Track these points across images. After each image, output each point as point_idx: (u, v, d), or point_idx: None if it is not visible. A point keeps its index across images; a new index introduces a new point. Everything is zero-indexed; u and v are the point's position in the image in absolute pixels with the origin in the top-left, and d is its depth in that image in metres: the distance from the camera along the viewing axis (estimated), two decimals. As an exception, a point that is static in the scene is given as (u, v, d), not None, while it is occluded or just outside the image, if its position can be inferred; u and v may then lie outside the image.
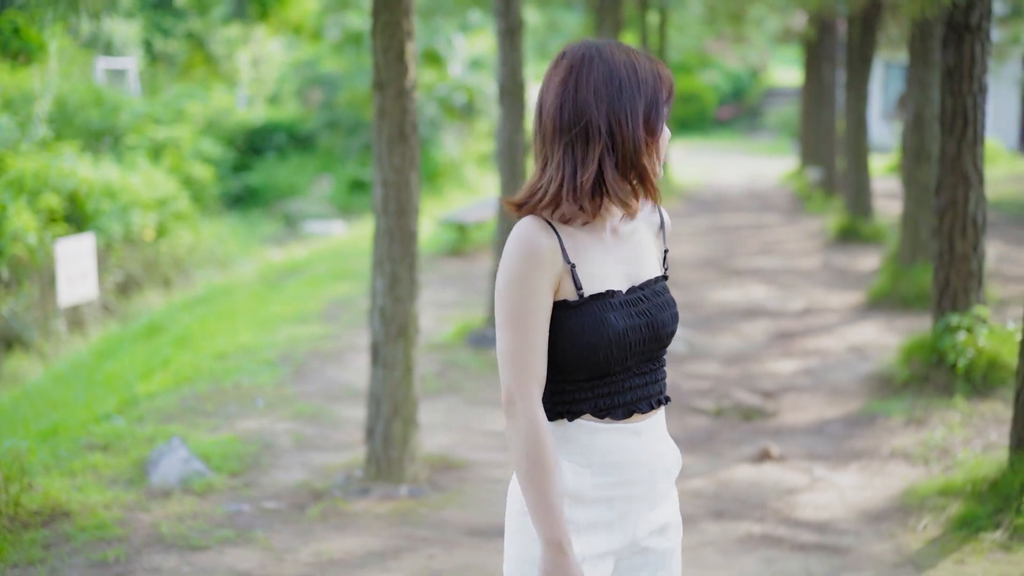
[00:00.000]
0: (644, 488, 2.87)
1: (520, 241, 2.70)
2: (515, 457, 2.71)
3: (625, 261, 2.84)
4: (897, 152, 26.35)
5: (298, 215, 23.10)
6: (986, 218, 8.90)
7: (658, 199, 2.85)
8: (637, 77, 2.74)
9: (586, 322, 2.74)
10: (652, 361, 2.87)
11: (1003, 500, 6.17)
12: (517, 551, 2.81)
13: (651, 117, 2.75)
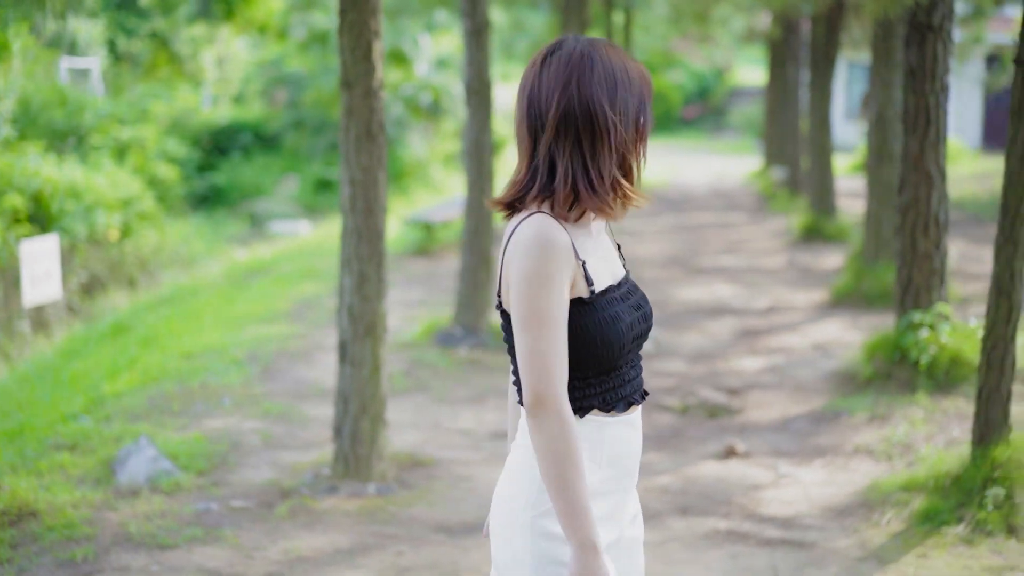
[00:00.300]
0: (633, 479, 2.93)
1: (540, 237, 2.68)
2: (546, 459, 2.65)
3: (604, 258, 2.87)
4: (861, 151, 26.54)
5: (263, 215, 23.05)
6: (948, 216, 9.00)
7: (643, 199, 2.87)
8: (628, 77, 2.77)
9: (601, 318, 2.75)
10: (639, 352, 2.93)
11: (965, 495, 6.26)
12: (537, 554, 2.76)
13: (640, 118, 2.79)
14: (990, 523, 6.02)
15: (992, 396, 6.44)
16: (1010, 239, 6.38)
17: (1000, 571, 5.61)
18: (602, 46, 2.78)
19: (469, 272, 10.16)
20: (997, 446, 6.36)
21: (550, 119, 2.73)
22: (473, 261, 10.14)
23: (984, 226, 17.07)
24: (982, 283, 12.38)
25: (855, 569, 5.74)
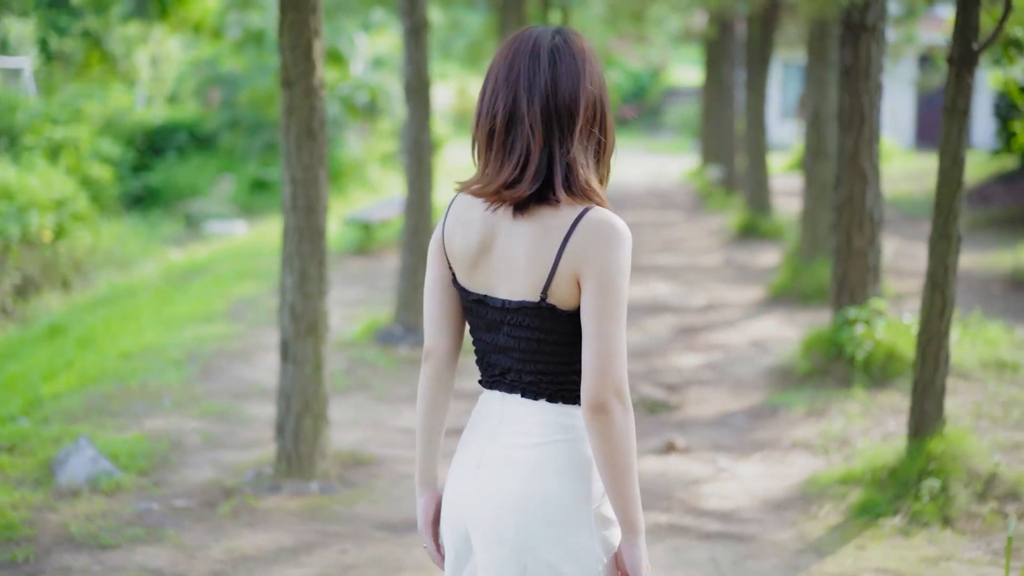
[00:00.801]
0: None
1: (625, 230, 2.69)
2: (623, 450, 2.66)
3: None
4: (796, 150, 26.79)
5: (199, 215, 22.87)
6: (883, 214, 9.14)
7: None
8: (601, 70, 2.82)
9: None
10: None
11: (901, 487, 6.36)
12: (604, 543, 2.75)
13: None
14: (926, 514, 6.12)
15: (927, 390, 6.55)
16: (944, 235, 6.49)
17: (936, 561, 5.71)
18: (577, 35, 2.80)
19: (409, 271, 10.17)
20: (932, 439, 6.47)
21: (581, 112, 2.72)
22: (413, 260, 10.15)
23: (917, 224, 17.30)
24: (916, 280, 12.56)
25: (794, 561, 5.82)
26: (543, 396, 2.79)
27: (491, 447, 2.83)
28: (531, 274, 2.72)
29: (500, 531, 2.76)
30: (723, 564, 5.78)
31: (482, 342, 2.87)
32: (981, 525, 6.07)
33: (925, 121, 32.03)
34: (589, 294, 2.66)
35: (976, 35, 6.38)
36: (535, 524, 2.74)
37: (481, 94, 2.80)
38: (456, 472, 2.89)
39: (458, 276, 2.85)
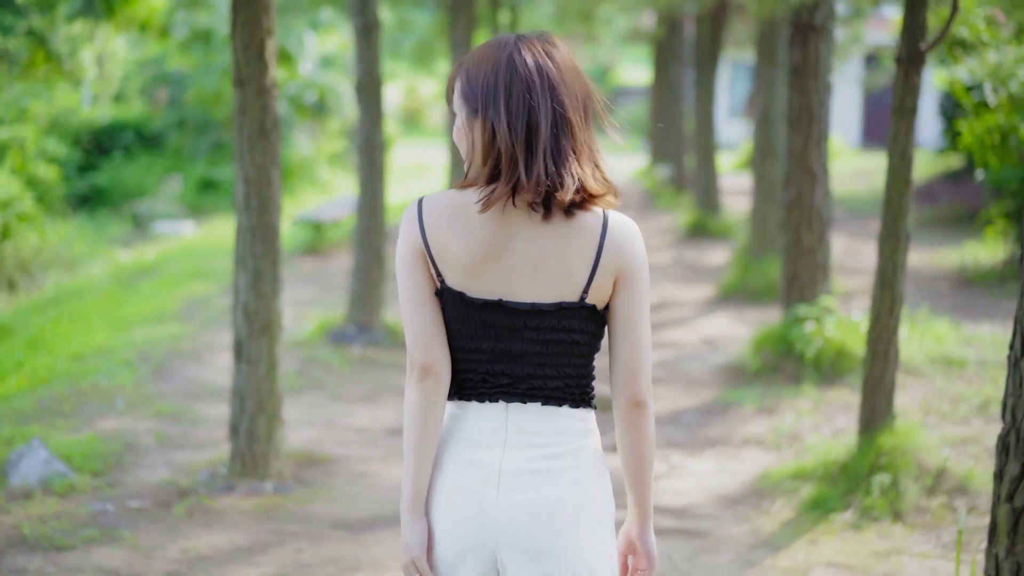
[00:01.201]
0: None
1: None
2: (652, 442, 2.86)
3: None
4: (744, 149, 26.97)
5: (147, 215, 22.73)
6: (831, 212, 9.24)
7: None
8: None
9: None
10: None
11: (852, 482, 6.44)
12: (615, 541, 2.86)
13: None
14: (876, 509, 6.20)
15: (877, 386, 6.63)
16: (892, 233, 6.57)
17: (887, 555, 5.79)
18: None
19: (362, 270, 10.17)
20: (882, 434, 6.55)
21: (591, 111, 2.78)
22: (366, 259, 10.15)
23: (865, 222, 17.46)
24: (864, 277, 12.68)
25: (747, 556, 5.88)
26: (567, 402, 2.79)
27: (507, 462, 2.76)
28: (567, 274, 2.73)
29: (547, 545, 2.73)
30: (678, 559, 5.83)
31: (481, 352, 2.77)
32: (931, 519, 6.15)
33: (871, 120, 32.33)
34: (627, 292, 2.76)
35: (923, 35, 6.48)
36: (585, 531, 2.75)
37: (494, 99, 2.72)
38: (463, 494, 2.77)
39: (453, 282, 2.75)
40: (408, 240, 2.77)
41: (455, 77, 2.81)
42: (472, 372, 2.79)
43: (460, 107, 2.78)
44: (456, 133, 2.80)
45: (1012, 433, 4.06)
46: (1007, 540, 4.07)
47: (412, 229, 2.76)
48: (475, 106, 2.73)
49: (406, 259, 2.77)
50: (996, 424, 7.53)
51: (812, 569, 5.66)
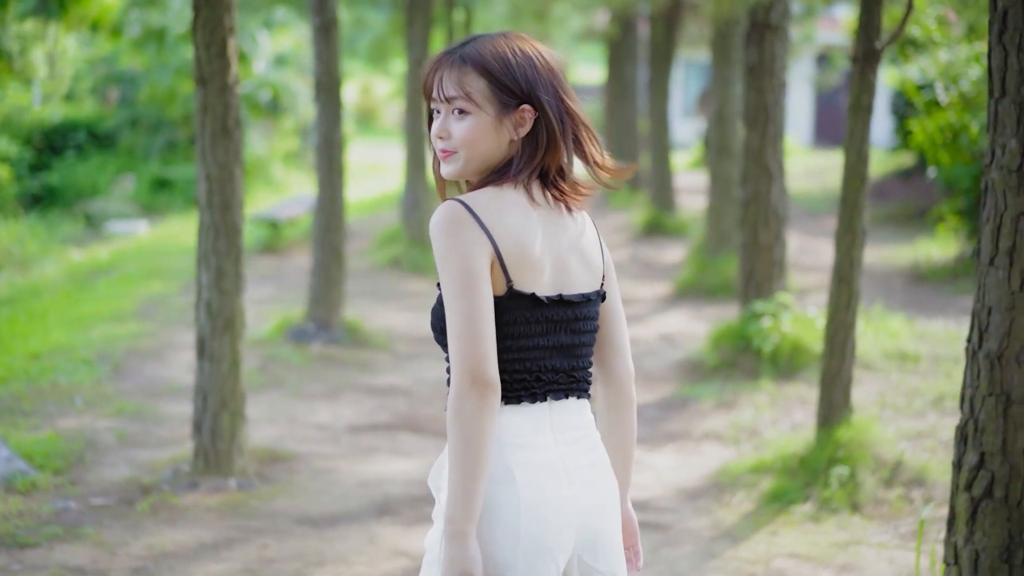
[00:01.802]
0: None
1: None
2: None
3: None
4: (698, 148, 27.12)
5: (100, 215, 22.59)
6: (787, 210, 9.35)
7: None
8: None
9: None
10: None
11: (811, 475, 6.53)
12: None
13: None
14: (835, 501, 6.30)
15: (834, 380, 6.73)
16: (849, 229, 6.67)
17: (846, 545, 5.88)
18: None
19: (321, 268, 10.18)
20: (840, 427, 6.65)
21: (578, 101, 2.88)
22: (325, 257, 10.17)
23: (818, 220, 17.63)
24: (818, 275, 12.82)
25: (709, 548, 5.96)
26: (588, 393, 2.87)
27: (565, 459, 2.77)
28: (594, 263, 2.85)
29: (611, 538, 2.83)
30: (641, 552, 5.88)
31: (538, 349, 2.75)
32: (888, 510, 6.25)
33: (823, 119, 32.61)
34: (611, 277, 2.92)
35: (878, 34, 6.57)
36: (617, 520, 2.90)
37: (543, 87, 2.79)
38: (541, 498, 2.71)
39: (523, 283, 2.71)
40: (474, 246, 2.65)
41: (465, 75, 2.76)
42: (527, 372, 2.75)
43: (487, 102, 2.75)
44: (474, 131, 2.75)
45: (970, 423, 4.14)
46: (965, 529, 4.16)
47: (475, 235, 2.66)
48: (515, 98, 2.77)
49: (475, 268, 2.64)
50: (951, 418, 7.66)
51: (773, 560, 5.75)
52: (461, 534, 2.60)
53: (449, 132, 2.77)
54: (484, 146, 2.76)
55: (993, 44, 4.02)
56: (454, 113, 2.77)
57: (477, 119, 2.75)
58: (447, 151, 2.78)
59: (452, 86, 2.76)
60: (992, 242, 4.06)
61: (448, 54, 2.80)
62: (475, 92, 2.75)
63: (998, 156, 4.02)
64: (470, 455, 2.60)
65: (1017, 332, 4.01)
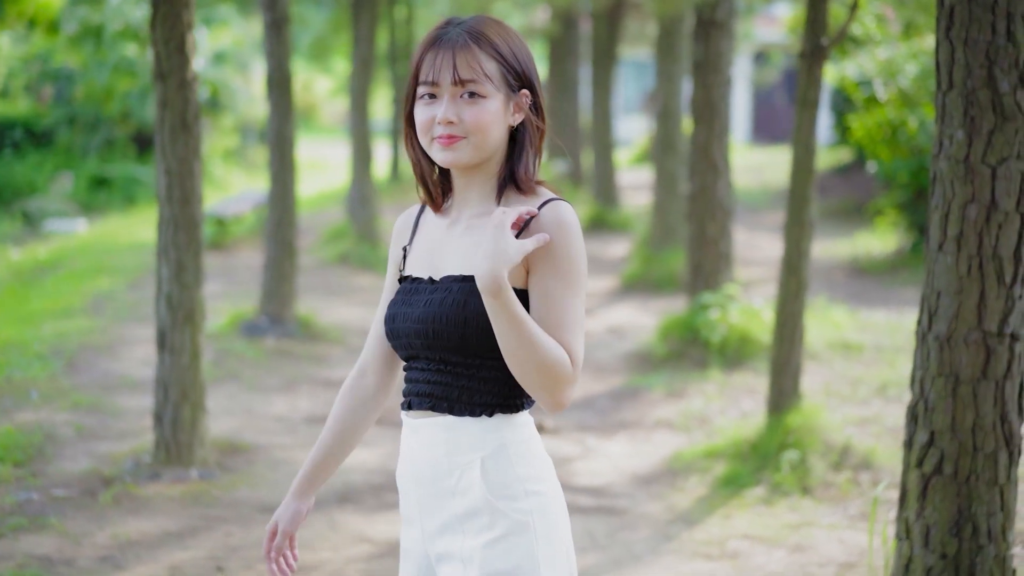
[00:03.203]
0: (420, 495, 2.75)
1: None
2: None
3: (445, 253, 2.75)
4: (638, 145, 27.34)
5: (38, 213, 22.44)
6: (733, 203, 9.54)
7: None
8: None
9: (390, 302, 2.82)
10: (440, 361, 2.69)
11: (762, 459, 6.71)
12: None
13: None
14: (786, 484, 6.48)
15: (784, 367, 6.92)
16: (797, 221, 6.85)
17: (797, 527, 6.06)
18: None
19: (274, 263, 10.25)
20: (790, 414, 6.84)
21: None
22: (278, 252, 10.23)
23: (758, 215, 17.90)
24: (761, 268, 13.05)
25: (665, 531, 6.12)
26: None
27: None
28: None
29: None
30: (599, 536, 6.04)
31: None
32: (837, 493, 6.44)
33: (760, 116, 32.97)
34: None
35: (825, 31, 6.76)
36: None
37: (537, 75, 2.74)
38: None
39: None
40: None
41: (479, 56, 2.63)
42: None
43: (501, 85, 2.66)
44: (489, 116, 2.64)
45: (921, 403, 4.32)
46: (917, 504, 4.34)
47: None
48: (518, 82, 2.69)
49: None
50: (894, 404, 7.87)
51: (728, 541, 5.91)
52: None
53: (460, 116, 2.62)
54: (496, 132, 2.66)
55: (940, 39, 4.19)
56: (463, 97, 2.62)
57: (492, 103, 2.64)
58: (453, 136, 2.63)
59: (467, 68, 2.61)
60: (940, 229, 4.23)
61: (449, 36, 2.65)
62: (491, 74, 2.63)
63: (946, 146, 4.20)
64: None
65: (965, 315, 4.19)
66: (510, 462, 2.66)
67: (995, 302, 4.15)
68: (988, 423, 4.20)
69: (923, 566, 4.30)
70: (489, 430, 2.66)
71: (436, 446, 2.69)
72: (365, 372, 2.93)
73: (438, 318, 2.63)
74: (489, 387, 2.65)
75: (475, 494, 2.65)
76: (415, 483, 2.74)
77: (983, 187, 4.12)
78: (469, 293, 2.61)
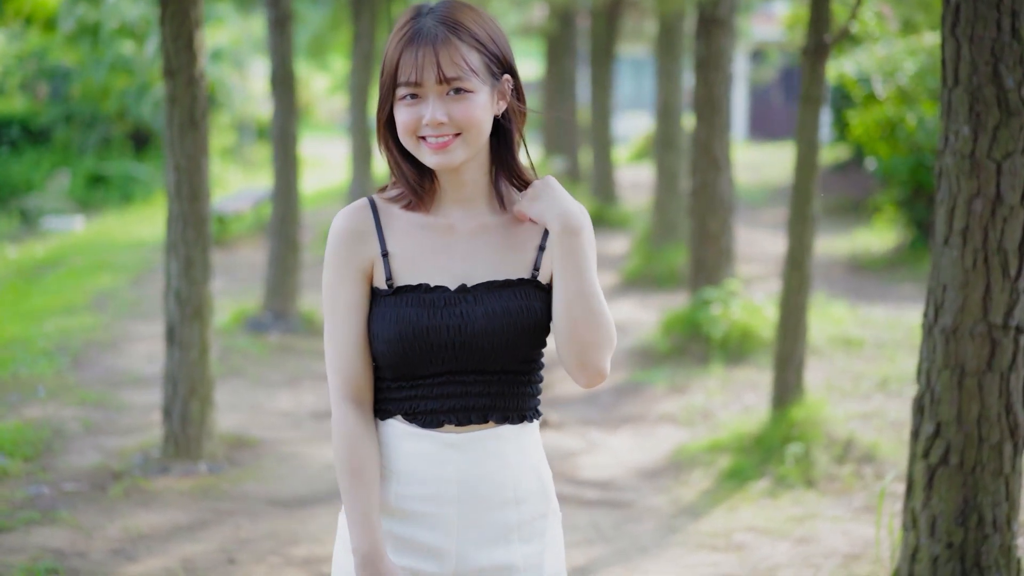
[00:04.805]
0: (464, 512, 2.60)
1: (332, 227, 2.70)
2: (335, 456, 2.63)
3: (462, 258, 2.61)
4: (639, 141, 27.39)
5: (35, 211, 22.47)
6: (734, 200, 9.61)
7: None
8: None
9: (389, 314, 2.57)
10: (482, 372, 2.59)
11: (766, 453, 6.78)
12: (337, 560, 2.66)
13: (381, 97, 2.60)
14: (790, 477, 6.54)
15: (788, 361, 6.99)
16: (801, 216, 6.92)
17: (802, 519, 6.12)
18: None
19: (277, 259, 10.31)
20: (793, 407, 6.90)
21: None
22: (281, 248, 10.29)
23: (757, 212, 17.97)
24: (760, 264, 13.12)
25: (670, 523, 6.18)
26: None
27: None
28: None
29: None
30: (605, 528, 6.10)
31: None
32: (841, 486, 6.50)
33: (757, 114, 33.04)
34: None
35: (827, 28, 6.82)
36: None
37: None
38: None
39: None
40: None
41: (460, 49, 2.49)
42: None
43: (485, 76, 2.53)
44: (479, 110, 2.52)
45: (927, 395, 4.39)
46: (923, 494, 4.40)
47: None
48: (500, 69, 2.58)
49: None
50: (896, 399, 7.93)
51: (733, 534, 5.97)
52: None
53: (449, 115, 2.48)
54: (487, 125, 2.54)
55: (946, 36, 4.25)
56: (450, 94, 2.49)
57: (480, 96, 2.52)
58: (446, 137, 2.50)
59: (451, 65, 2.47)
60: (946, 223, 4.30)
61: (426, 29, 2.50)
62: (476, 67, 2.51)
63: (951, 142, 4.26)
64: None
65: (970, 308, 4.26)
66: (545, 465, 2.71)
67: (1000, 295, 4.22)
68: (993, 414, 4.27)
69: (929, 555, 4.36)
70: (532, 436, 2.66)
71: (489, 459, 2.59)
72: (363, 401, 2.62)
73: (506, 328, 2.55)
74: (530, 393, 2.65)
75: (534, 501, 2.64)
76: (458, 503, 2.58)
77: (988, 182, 4.19)
78: (525, 298, 2.58)
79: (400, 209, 2.61)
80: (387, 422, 2.60)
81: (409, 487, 2.58)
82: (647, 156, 24.83)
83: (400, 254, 2.57)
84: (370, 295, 2.59)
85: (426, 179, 2.60)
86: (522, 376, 2.63)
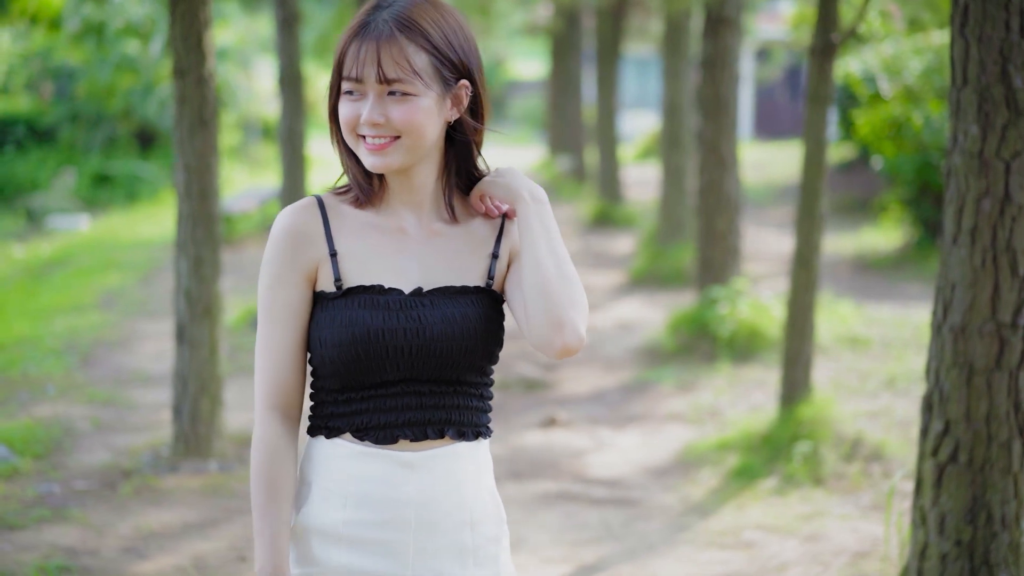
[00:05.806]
0: (420, 538, 2.45)
1: (274, 226, 2.54)
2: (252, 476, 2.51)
3: (416, 261, 2.49)
4: (645, 140, 27.40)
5: (40, 210, 22.51)
6: (741, 198, 9.63)
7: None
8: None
9: (339, 317, 2.43)
10: (438, 382, 2.46)
11: (774, 451, 6.80)
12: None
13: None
14: (798, 475, 6.56)
15: (795, 359, 7.01)
16: (809, 215, 6.94)
17: (810, 517, 6.14)
18: None
19: (285, 258, 10.31)
20: (801, 405, 6.92)
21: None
22: (288, 247, 10.30)
23: (763, 211, 17.98)
24: (766, 263, 13.14)
25: (679, 521, 6.20)
26: None
27: None
28: None
29: None
30: (614, 526, 6.12)
31: None
32: (849, 484, 6.52)
33: (762, 113, 33.05)
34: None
35: (835, 27, 6.83)
36: None
37: (479, 63, 2.54)
38: None
39: None
40: None
41: (406, 50, 2.37)
42: None
43: (432, 80, 2.40)
44: (421, 114, 2.40)
45: (935, 393, 4.41)
46: (932, 492, 4.42)
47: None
48: (455, 73, 2.45)
49: None
50: (903, 398, 7.95)
51: (742, 531, 5.99)
52: None
53: (387, 116, 2.37)
54: (430, 131, 2.42)
55: (955, 35, 4.27)
56: (392, 95, 2.38)
57: (423, 100, 2.39)
58: (384, 139, 2.39)
59: (393, 65, 2.35)
60: (955, 222, 4.32)
61: (375, 25, 2.37)
62: (421, 70, 2.38)
63: (960, 141, 4.28)
64: None
65: (979, 306, 4.28)
66: (494, 486, 2.60)
67: (1008, 294, 4.24)
68: (1002, 412, 4.29)
69: (938, 552, 4.38)
70: (486, 455, 2.55)
71: (446, 479, 2.46)
72: (289, 413, 2.49)
73: (464, 334, 2.44)
74: (483, 408, 2.53)
75: (490, 524, 2.53)
76: (415, 527, 2.45)
77: (997, 181, 4.21)
78: (482, 305, 2.47)
79: (350, 207, 2.49)
80: (334, 441, 2.45)
81: (361, 512, 2.43)
82: (653, 155, 24.84)
83: (350, 254, 2.45)
84: (312, 300, 2.46)
85: (374, 177, 2.50)
86: (476, 389, 2.50)
